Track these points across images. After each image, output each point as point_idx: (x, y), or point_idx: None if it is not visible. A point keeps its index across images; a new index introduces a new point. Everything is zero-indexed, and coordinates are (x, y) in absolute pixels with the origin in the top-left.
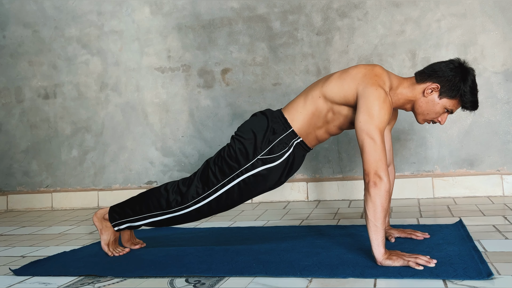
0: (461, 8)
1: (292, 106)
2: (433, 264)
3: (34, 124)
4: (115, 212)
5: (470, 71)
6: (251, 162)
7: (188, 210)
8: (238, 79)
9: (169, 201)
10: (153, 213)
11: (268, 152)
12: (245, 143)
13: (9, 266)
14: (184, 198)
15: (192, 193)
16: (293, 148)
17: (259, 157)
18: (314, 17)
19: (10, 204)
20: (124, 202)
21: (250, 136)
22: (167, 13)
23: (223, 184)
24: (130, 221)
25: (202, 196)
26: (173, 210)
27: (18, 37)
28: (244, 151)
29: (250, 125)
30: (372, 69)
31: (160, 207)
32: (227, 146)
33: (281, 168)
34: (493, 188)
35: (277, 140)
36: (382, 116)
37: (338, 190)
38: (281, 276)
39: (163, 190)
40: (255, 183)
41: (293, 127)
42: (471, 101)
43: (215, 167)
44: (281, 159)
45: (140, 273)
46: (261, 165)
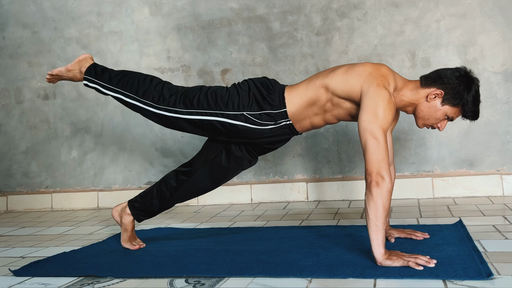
0: (460, 8)
1: (295, 89)
2: (433, 264)
3: (34, 125)
4: (93, 71)
5: (475, 81)
6: (235, 112)
7: (157, 111)
8: (237, 79)
9: (146, 93)
10: (125, 92)
11: (254, 115)
12: (240, 94)
13: (8, 267)
14: (160, 99)
15: (170, 100)
16: (279, 126)
17: (245, 113)
18: (314, 17)
19: (10, 205)
20: (107, 68)
21: (249, 92)
22: (166, 14)
23: (198, 112)
24: (101, 84)
25: (176, 109)
26: (144, 102)
27: (18, 38)
28: (236, 99)
29: (255, 84)
30: (379, 68)
31: (136, 93)
32: (225, 88)
33: (257, 133)
34: (493, 188)
35: (267, 111)
36: (386, 116)
37: (338, 191)
38: (280, 277)
39: (148, 80)
40: (227, 130)
41: (287, 109)
42: (472, 111)
43: (203, 95)
44: (262, 126)
45: (139, 273)
46: (242, 121)
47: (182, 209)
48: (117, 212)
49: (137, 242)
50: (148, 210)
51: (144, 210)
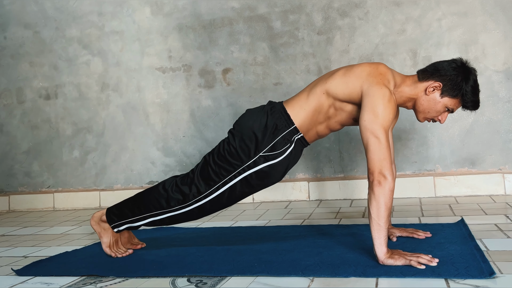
0: (462, 7)
1: (296, 102)
2: (435, 263)
3: (35, 125)
4: (113, 214)
5: (472, 71)
6: (253, 159)
7: (189, 208)
8: (239, 79)
9: (169, 201)
10: (153, 213)
11: (270, 148)
12: (246, 140)
13: (11, 267)
14: (185, 197)
15: (194, 191)
16: (294, 144)
17: (261, 154)
18: (315, 16)
19: (12, 204)
20: (121, 203)
21: (252, 132)
22: (167, 14)
23: (225, 182)
24: (129, 221)
25: (204, 194)
26: (174, 209)
27: (19, 38)
28: (245, 148)
29: (251, 120)
30: (377, 67)
31: (161, 207)
32: (225, 143)
33: (283, 164)
34: (495, 187)
35: (279, 136)
36: (386, 115)
37: (340, 190)
38: (282, 276)
39: (161, 189)
40: (257, 180)
41: (295, 124)
42: (472, 100)
43: (215, 165)
44: (284, 155)
45: (142, 273)
46: (263, 162)
47: None
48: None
49: (136, 242)
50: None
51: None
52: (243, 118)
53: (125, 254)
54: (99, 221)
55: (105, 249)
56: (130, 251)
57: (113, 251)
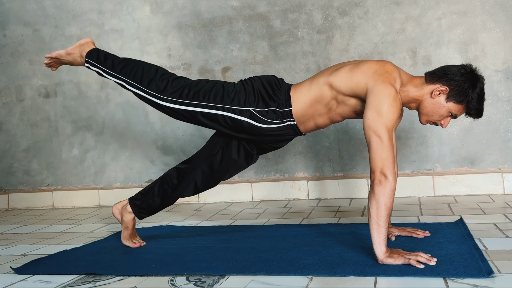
0: (461, 6)
1: (299, 87)
2: (434, 262)
3: (35, 123)
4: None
5: (480, 79)
6: (241, 108)
7: (162, 102)
8: (238, 77)
9: (151, 83)
10: (129, 80)
11: (261, 112)
12: (247, 91)
13: (10, 265)
14: (165, 89)
15: (176, 92)
16: (283, 125)
17: (251, 108)
18: (315, 15)
19: (11, 203)
20: (110, 54)
21: (256, 89)
22: (167, 12)
23: (206, 106)
24: (103, 69)
25: (182, 101)
26: (148, 91)
27: (19, 36)
28: (243, 96)
29: (261, 80)
30: (384, 65)
31: (140, 82)
32: (232, 84)
33: (261, 130)
34: (494, 187)
35: (274, 108)
36: (390, 114)
37: (339, 189)
38: (281, 275)
39: (153, 69)
40: (231, 126)
41: (292, 108)
42: (476, 108)
43: (211, 89)
44: (267, 125)
45: (141, 271)
46: (247, 117)
47: (183, 207)
48: (118, 209)
49: (137, 240)
50: (150, 207)
51: (146, 207)
52: (257, 77)
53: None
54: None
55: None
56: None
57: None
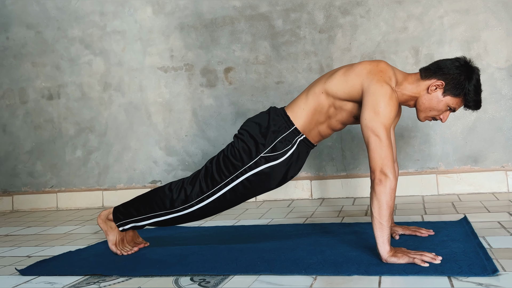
0: (463, 4)
1: (295, 104)
2: (439, 260)
3: (38, 125)
4: (119, 213)
5: (475, 70)
6: (254, 160)
7: (192, 209)
8: (241, 78)
9: (173, 201)
10: (157, 213)
11: (271, 150)
12: (247, 142)
13: (15, 266)
14: (188, 197)
15: (196, 191)
16: (296, 145)
17: (262, 155)
18: (317, 14)
19: (15, 204)
20: (128, 202)
21: (253, 134)
22: (169, 13)
23: (227, 183)
24: (134, 221)
25: (206, 194)
26: (176, 210)
27: (21, 38)
28: (247, 149)
29: (252, 123)
30: (377, 65)
31: (164, 207)
32: (230, 145)
33: (284, 166)
34: (498, 185)
35: (279, 138)
36: (387, 113)
37: (342, 188)
38: (285, 274)
39: (167, 190)
40: (259, 181)
41: (296, 125)
42: (474, 100)
43: (219, 166)
44: (284, 156)
45: (145, 272)
46: (264, 163)
47: None
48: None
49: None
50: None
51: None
52: (247, 122)
53: (130, 252)
54: (106, 220)
55: (111, 247)
56: (135, 249)
57: (119, 249)
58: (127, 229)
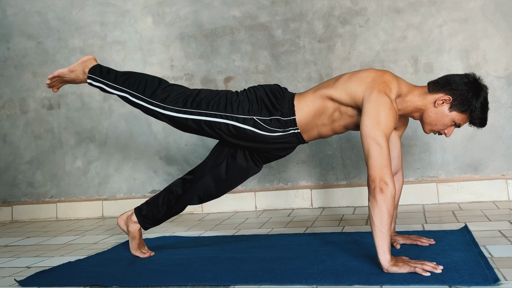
0: (462, 13)
1: (303, 97)
2: (440, 270)
3: (39, 134)
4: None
5: (483, 88)
6: (245, 116)
7: (165, 112)
8: (241, 87)
9: (154, 94)
10: (132, 92)
11: (264, 120)
12: (251, 99)
13: (14, 277)
14: (168, 99)
15: (179, 101)
16: (287, 133)
17: (255, 117)
18: (316, 24)
19: (15, 214)
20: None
21: (258, 98)
22: (169, 23)
23: (209, 114)
24: (106, 83)
25: (186, 109)
26: (151, 102)
27: (22, 48)
28: (247, 105)
29: (264, 90)
30: (382, 75)
31: (143, 93)
32: (235, 92)
33: (265, 139)
34: (498, 193)
35: (277, 117)
36: (388, 122)
37: (343, 197)
38: (286, 284)
39: (156, 80)
40: (234, 135)
41: (296, 116)
42: (480, 118)
43: (214, 97)
44: (271, 133)
45: (145, 282)
46: (251, 126)
47: (187, 217)
48: (123, 220)
49: (146, 249)
50: (155, 217)
51: (151, 217)
52: (260, 86)
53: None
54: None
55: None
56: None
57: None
58: (95, 86)
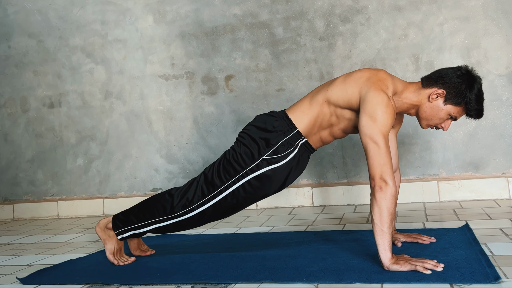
0: (463, 11)
1: (297, 108)
2: (441, 268)
3: (40, 133)
4: (118, 220)
5: (477, 79)
6: (256, 162)
7: (192, 213)
8: (241, 85)
9: (173, 206)
10: (157, 219)
11: (273, 152)
12: (249, 144)
13: (15, 275)
14: (189, 201)
15: (198, 195)
16: (298, 148)
17: (264, 157)
18: (317, 22)
19: (16, 213)
20: (127, 209)
21: (255, 137)
22: (170, 21)
23: (227, 186)
24: (133, 228)
25: (207, 198)
26: (177, 215)
27: (23, 47)
28: (249, 152)
29: (253, 127)
30: (376, 73)
31: (164, 213)
32: (231, 149)
33: (286, 169)
34: (499, 191)
35: (282, 140)
36: (385, 120)
37: (343, 195)
38: (287, 282)
39: (167, 195)
40: (260, 184)
41: (298, 128)
42: (476, 109)
43: (220, 169)
44: (286, 159)
45: (146, 280)
46: (266, 166)
47: None
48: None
49: (146, 248)
50: None
51: None
52: (248, 125)
53: (127, 262)
54: (104, 228)
55: (108, 256)
56: (132, 259)
57: (116, 259)
58: (126, 237)
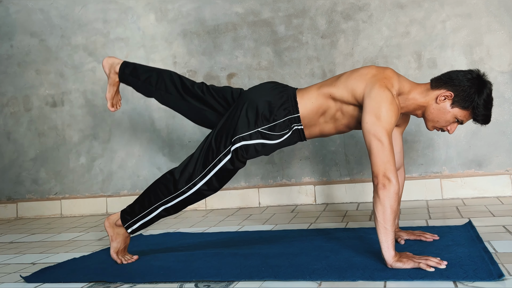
0: (466, 8)
1: (307, 93)
2: (444, 265)
3: (42, 132)
4: (126, 214)
5: (487, 84)
6: (250, 132)
7: (197, 187)
8: (243, 83)
9: (176, 183)
10: (163, 200)
11: (269, 128)
12: (249, 112)
13: (19, 273)
14: (190, 175)
15: (198, 167)
16: (291, 132)
17: (260, 129)
18: (319, 20)
19: (19, 212)
20: (133, 202)
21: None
22: (172, 20)
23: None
24: (142, 217)
25: (208, 168)
26: (182, 191)
27: (25, 46)
28: (246, 119)
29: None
30: (383, 71)
31: (169, 192)
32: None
33: (274, 147)
34: (502, 189)
35: (281, 120)
36: (389, 118)
37: (346, 193)
38: (290, 280)
39: (168, 175)
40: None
41: (300, 113)
42: (483, 114)
43: (215, 136)
44: (279, 139)
45: (149, 278)
46: (259, 139)
47: (191, 214)
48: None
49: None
50: None
51: None
52: (254, 89)
53: (130, 260)
54: (113, 225)
55: (112, 254)
56: (135, 257)
57: (119, 258)
58: (136, 229)
